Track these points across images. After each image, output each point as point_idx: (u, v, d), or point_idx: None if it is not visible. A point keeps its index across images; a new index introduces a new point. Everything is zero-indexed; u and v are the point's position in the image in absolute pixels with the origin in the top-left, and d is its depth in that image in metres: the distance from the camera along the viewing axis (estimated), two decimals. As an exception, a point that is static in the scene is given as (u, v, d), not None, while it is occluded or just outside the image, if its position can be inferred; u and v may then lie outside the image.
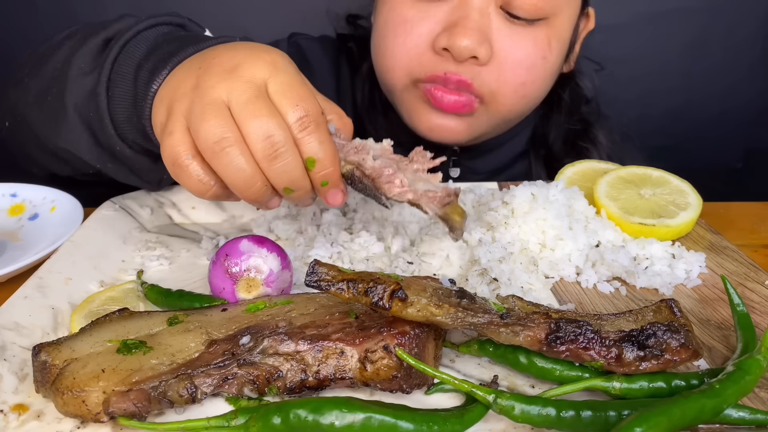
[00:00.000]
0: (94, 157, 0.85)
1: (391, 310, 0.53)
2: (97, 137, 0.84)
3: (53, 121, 0.85)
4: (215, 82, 0.65)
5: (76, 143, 0.84)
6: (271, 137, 0.63)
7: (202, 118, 0.63)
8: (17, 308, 0.64)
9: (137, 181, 0.90)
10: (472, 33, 0.95)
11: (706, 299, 0.72)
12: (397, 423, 0.49)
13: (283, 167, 0.64)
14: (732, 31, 1.69)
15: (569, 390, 0.54)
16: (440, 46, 0.97)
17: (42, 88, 0.87)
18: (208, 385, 0.53)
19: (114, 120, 0.81)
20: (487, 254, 0.74)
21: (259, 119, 0.63)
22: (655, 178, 0.90)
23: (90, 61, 0.83)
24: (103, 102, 0.80)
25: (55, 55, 0.88)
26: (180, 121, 0.65)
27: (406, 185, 0.67)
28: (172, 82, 0.71)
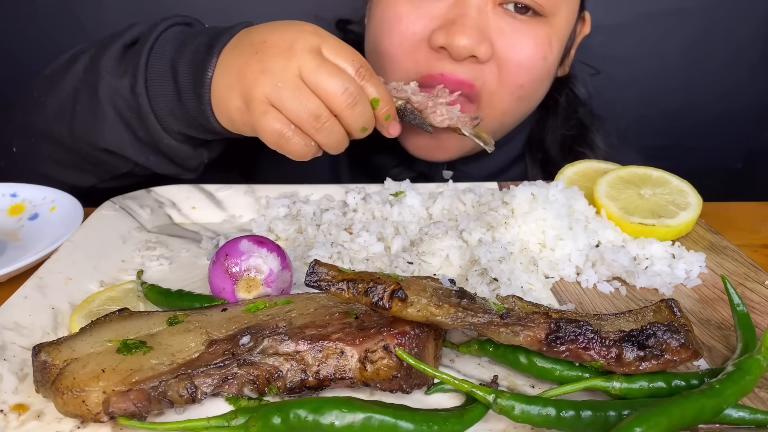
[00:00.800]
0: (137, 152, 0.92)
1: (391, 310, 0.53)
2: (137, 134, 0.91)
3: (91, 124, 0.91)
4: (283, 62, 0.78)
5: (118, 141, 0.91)
6: (347, 89, 0.78)
7: (295, 101, 0.77)
8: (17, 308, 0.64)
9: (177, 170, 0.97)
10: (471, 32, 0.93)
11: (706, 299, 0.72)
12: (397, 423, 0.49)
13: (361, 110, 0.80)
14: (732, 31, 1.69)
15: (569, 390, 0.54)
16: (437, 44, 0.95)
17: (63, 101, 0.94)
18: (208, 385, 0.53)
19: (157, 115, 0.88)
20: (487, 254, 0.74)
21: (332, 77, 0.77)
22: (655, 178, 0.90)
23: (115, 66, 0.90)
24: (145, 101, 0.87)
25: (70, 70, 0.94)
26: (266, 103, 0.78)
27: (445, 114, 0.88)
28: (230, 71, 0.81)
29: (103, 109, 0.90)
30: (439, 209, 0.88)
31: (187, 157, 0.94)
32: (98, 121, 0.91)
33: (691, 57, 1.71)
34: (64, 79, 0.95)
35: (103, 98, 0.89)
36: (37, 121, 0.97)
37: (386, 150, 1.13)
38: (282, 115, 0.78)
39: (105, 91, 0.89)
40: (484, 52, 0.95)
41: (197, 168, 0.98)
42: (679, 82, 1.73)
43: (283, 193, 0.96)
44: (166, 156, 0.93)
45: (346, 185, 0.99)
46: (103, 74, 0.90)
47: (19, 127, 1.01)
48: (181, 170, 0.97)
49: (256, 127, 0.80)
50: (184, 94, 0.86)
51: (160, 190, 0.95)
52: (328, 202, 0.93)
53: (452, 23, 0.95)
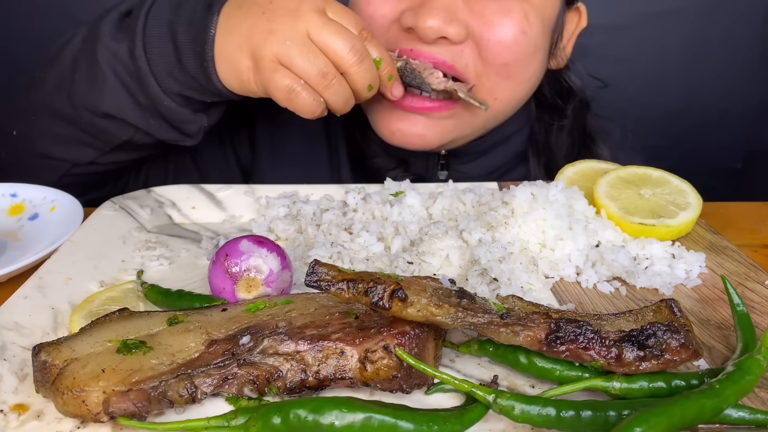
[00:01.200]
0: (137, 115, 0.93)
1: (391, 310, 0.53)
2: (137, 98, 0.92)
3: (91, 89, 0.93)
4: (291, 22, 0.81)
5: (118, 105, 0.93)
6: (354, 47, 0.82)
7: (304, 59, 0.81)
8: (17, 308, 0.64)
9: (177, 136, 0.97)
10: (437, 12, 0.91)
11: (706, 299, 0.72)
12: (397, 423, 0.49)
13: (367, 67, 0.84)
14: (731, 31, 1.69)
15: (569, 390, 0.54)
16: (406, 25, 0.94)
17: (62, 73, 0.95)
18: (208, 385, 0.53)
19: (156, 77, 0.89)
20: (487, 254, 0.74)
21: (338, 36, 0.81)
22: (655, 178, 0.90)
23: (114, 32, 0.91)
24: (144, 63, 0.89)
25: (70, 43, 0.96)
26: (275, 61, 0.82)
27: (441, 77, 0.93)
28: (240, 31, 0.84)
29: (103, 74, 0.91)
30: (439, 209, 0.88)
31: (186, 120, 0.94)
32: (98, 85, 0.92)
33: (690, 57, 1.71)
34: (63, 52, 0.96)
35: (102, 62, 0.90)
36: (37, 96, 0.98)
37: (383, 153, 1.13)
38: (291, 72, 0.82)
39: (104, 56, 0.90)
40: (454, 33, 0.93)
41: (197, 133, 0.98)
42: (678, 82, 1.73)
43: (283, 193, 0.96)
44: (166, 120, 0.94)
45: (346, 185, 0.99)
46: (101, 39, 0.91)
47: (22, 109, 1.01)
48: (181, 135, 0.97)
49: (266, 84, 0.84)
50: (184, 55, 0.88)
51: (160, 190, 0.95)
52: (328, 202, 0.93)
53: (420, 5, 0.93)
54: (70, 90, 0.94)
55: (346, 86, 0.85)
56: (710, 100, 1.74)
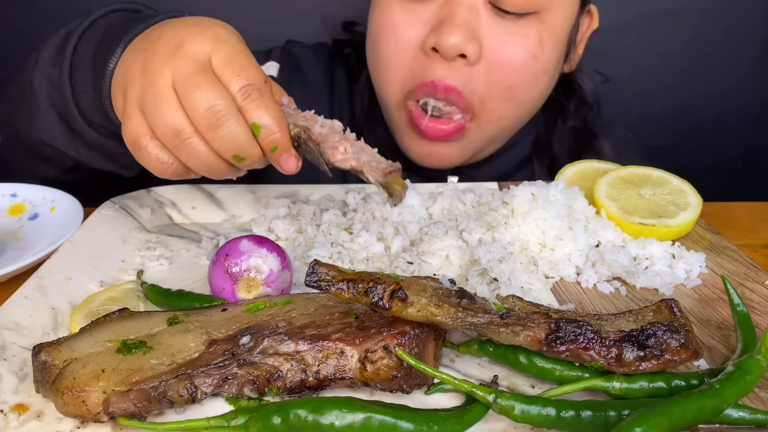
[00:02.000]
0: (68, 143, 0.89)
1: (391, 310, 0.53)
2: (70, 125, 0.88)
3: (29, 115, 0.90)
4: (160, 64, 0.67)
5: (50, 132, 0.89)
6: (212, 107, 0.65)
7: (155, 110, 0.67)
8: (17, 308, 0.64)
9: (111, 166, 0.93)
10: (459, 30, 0.93)
11: (706, 299, 0.72)
12: (397, 423, 0.49)
13: (228, 134, 0.66)
14: (732, 31, 1.69)
15: (569, 390, 0.54)
16: (429, 46, 0.96)
17: (20, 91, 0.93)
18: (208, 385, 0.53)
19: (79, 106, 0.85)
20: (487, 254, 0.74)
21: (199, 90, 0.65)
22: (655, 178, 0.90)
23: (54, 55, 0.88)
24: (67, 90, 0.84)
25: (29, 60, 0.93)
26: (135, 106, 0.68)
27: (350, 152, 0.70)
28: (123, 66, 0.73)
29: (36, 99, 0.88)
30: (439, 209, 0.88)
31: (115, 152, 0.88)
32: (31, 112, 0.89)
33: (691, 57, 1.71)
34: (23, 69, 0.94)
35: (36, 87, 0.87)
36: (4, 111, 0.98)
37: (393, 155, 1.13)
38: (146, 122, 0.68)
39: (39, 80, 0.88)
40: (472, 51, 0.94)
41: (132, 165, 0.92)
42: (679, 82, 1.73)
43: (283, 193, 0.96)
44: (98, 150, 0.89)
45: (346, 185, 0.99)
46: (40, 64, 0.88)
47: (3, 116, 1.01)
48: (116, 166, 0.92)
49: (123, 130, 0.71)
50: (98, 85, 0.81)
51: (160, 190, 0.95)
52: (328, 202, 0.93)
53: (442, 23, 0.94)
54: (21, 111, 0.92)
55: (204, 149, 0.68)
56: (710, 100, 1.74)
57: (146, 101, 0.68)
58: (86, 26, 0.85)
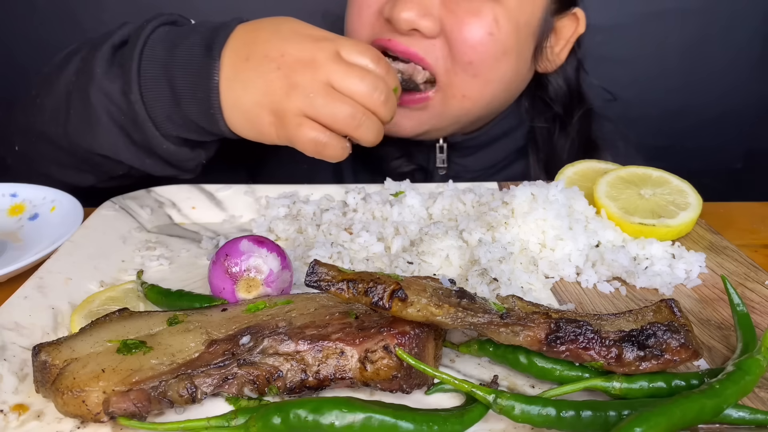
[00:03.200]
0: (132, 156, 0.92)
1: (391, 310, 0.53)
2: (132, 137, 0.90)
3: (85, 128, 0.91)
4: (310, 74, 0.82)
5: (113, 145, 0.91)
6: (377, 87, 0.83)
7: (328, 107, 0.82)
8: (17, 308, 0.64)
9: (174, 172, 0.97)
10: (412, 5, 0.95)
11: (706, 299, 0.72)
12: (397, 423, 0.49)
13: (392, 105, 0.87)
14: (731, 31, 1.69)
15: (569, 390, 0.54)
16: (385, 15, 0.99)
17: (57, 105, 0.93)
18: (208, 385, 0.53)
19: (155, 121, 0.88)
20: (487, 254, 0.74)
21: (361, 81, 0.83)
22: (655, 178, 0.90)
23: (107, 69, 0.89)
24: (141, 108, 0.87)
25: (64, 72, 0.94)
26: (300, 116, 0.82)
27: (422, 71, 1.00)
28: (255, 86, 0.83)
29: (96, 114, 0.89)
30: (439, 209, 0.88)
31: (185, 159, 0.94)
32: (92, 126, 0.90)
33: (690, 57, 1.71)
34: (58, 80, 0.94)
35: (95, 103, 0.89)
36: (35, 122, 0.97)
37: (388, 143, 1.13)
38: (317, 123, 0.83)
39: (97, 96, 0.89)
40: (426, 26, 0.96)
41: (195, 169, 0.98)
42: (678, 82, 1.73)
43: (283, 193, 0.96)
44: (163, 159, 0.93)
45: (346, 185, 0.99)
46: (94, 78, 0.89)
47: (21, 126, 1.01)
48: (179, 171, 0.97)
49: (292, 138, 0.84)
50: (184, 100, 0.86)
51: (160, 190, 0.95)
52: (328, 202, 0.93)
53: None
54: (65, 123, 0.92)
55: (375, 120, 0.85)
56: (710, 100, 1.74)
57: (316, 105, 0.81)
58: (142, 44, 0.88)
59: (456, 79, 1.02)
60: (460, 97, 1.04)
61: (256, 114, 0.84)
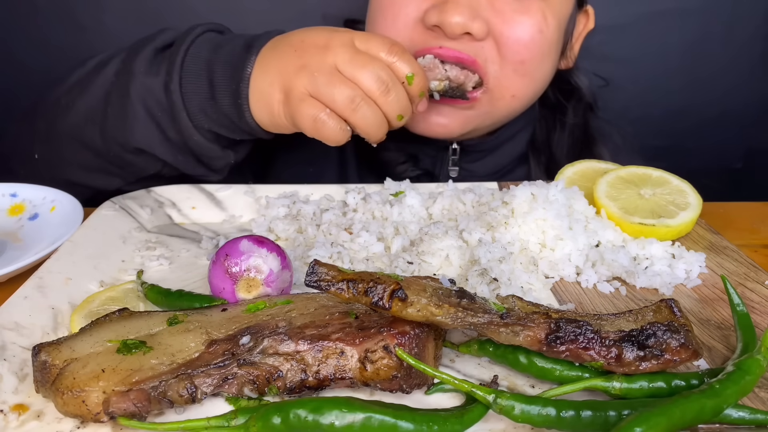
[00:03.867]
0: (166, 151, 0.95)
1: (391, 310, 0.53)
2: (167, 133, 0.93)
3: (122, 124, 0.94)
4: (320, 57, 0.84)
5: (148, 140, 0.94)
6: (380, 77, 0.84)
7: (330, 87, 0.83)
8: (17, 308, 0.64)
9: (203, 171, 0.99)
10: (463, 9, 0.94)
11: (706, 299, 0.72)
12: (397, 423, 0.49)
13: (395, 98, 0.85)
14: (732, 31, 1.68)
15: (569, 390, 0.54)
16: (431, 23, 0.97)
17: (93, 105, 0.96)
18: (208, 385, 0.53)
19: (189, 112, 0.91)
20: (487, 254, 0.74)
21: (364, 67, 0.83)
22: (655, 178, 0.90)
23: (148, 67, 0.93)
24: (179, 98, 0.90)
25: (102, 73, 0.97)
26: (304, 93, 0.84)
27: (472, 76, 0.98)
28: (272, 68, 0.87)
29: (134, 109, 0.92)
30: (439, 209, 0.88)
31: (215, 156, 0.96)
32: (129, 121, 0.93)
33: (691, 57, 1.71)
34: (94, 82, 0.97)
35: (134, 98, 0.92)
36: (65, 126, 0.99)
37: (393, 147, 1.13)
38: (319, 102, 0.84)
39: (137, 91, 0.92)
40: (478, 29, 0.95)
41: (223, 169, 1.00)
42: (679, 82, 1.73)
43: (283, 193, 0.96)
44: (195, 155, 0.96)
45: (346, 185, 0.99)
46: (136, 75, 0.92)
47: (42, 134, 1.02)
48: (208, 171, 0.99)
49: (294, 115, 0.85)
50: (219, 92, 0.90)
51: (160, 190, 0.95)
52: (328, 202, 0.93)
53: (444, 2, 0.96)
54: (102, 123, 0.95)
55: (376, 110, 0.85)
56: (710, 99, 1.74)
57: (318, 83, 0.83)
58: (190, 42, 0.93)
59: (505, 80, 1.01)
60: (509, 97, 1.04)
61: (269, 93, 0.87)
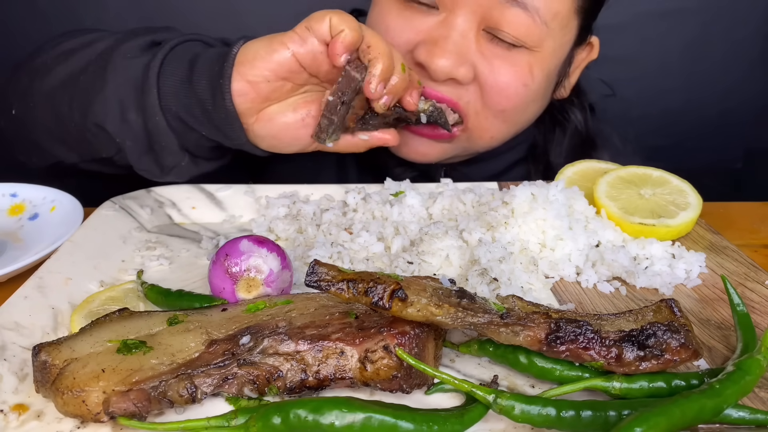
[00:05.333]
0: (118, 130, 0.91)
1: (391, 310, 0.53)
2: (126, 113, 0.91)
3: (87, 97, 0.92)
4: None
5: (105, 116, 0.91)
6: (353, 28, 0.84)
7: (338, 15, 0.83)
8: (17, 308, 0.64)
9: (148, 163, 0.94)
10: (450, 55, 0.93)
11: (706, 299, 0.72)
12: (397, 423, 0.49)
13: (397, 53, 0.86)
14: (732, 31, 1.68)
15: (569, 390, 0.54)
16: (418, 60, 0.96)
17: (72, 72, 0.95)
18: (208, 385, 0.53)
19: (160, 90, 0.89)
20: (487, 254, 0.74)
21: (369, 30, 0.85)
22: (655, 178, 0.90)
23: (137, 52, 0.92)
24: (154, 75, 0.89)
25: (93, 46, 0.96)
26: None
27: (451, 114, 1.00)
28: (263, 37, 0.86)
29: (106, 84, 0.90)
30: (439, 209, 0.88)
31: (167, 147, 0.92)
32: (94, 95, 0.91)
33: (691, 57, 1.71)
34: (80, 52, 0.96)
35: (108, 74, 0.91)
36: (42, 87, 0.98)
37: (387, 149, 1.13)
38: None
39: (112, 68, 0.91)
40: (463, 75, 0.95)
41: (170, 169, 0.95)
42: (679, 81, 1.73)
43: (283, 193, 0.96)
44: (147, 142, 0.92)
45: (346, 185, 0.99)
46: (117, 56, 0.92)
47: (23, 89, 1.01)
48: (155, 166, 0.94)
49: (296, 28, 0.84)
50: (196, 74, 0.88)
51: (160, 189, 0.95)
52: (328, 202, 0.93)
53: (434, 44, 0.95)
54: (72, 90, 0.94)
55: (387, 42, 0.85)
56: (711, 100, 1.74)
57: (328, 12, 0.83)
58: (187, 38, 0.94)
59: (485, 122, 1.01)
60: (488, 138, 1.05)
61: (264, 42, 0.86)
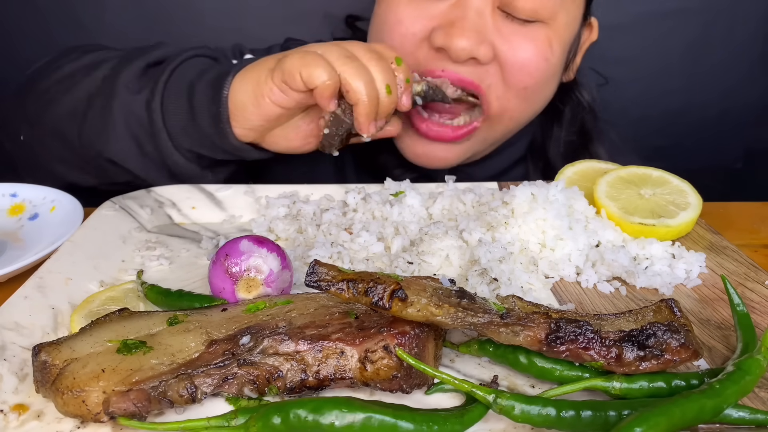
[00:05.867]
0: (140, 166, 0.95)
1: (391, 310, 0.53)
2: (144, 149, 0.93)
3: (100, 132, 0.94)
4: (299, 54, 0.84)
5: (124, 153, 0.94)
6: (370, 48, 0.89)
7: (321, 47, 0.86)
8: (17, 308, 0.64)
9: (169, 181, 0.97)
10: (469, 34, 0.93)
11: (706, 299, 0.72)
12: (397, 423, 0.49)
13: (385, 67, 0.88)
14: (732, 31, 1.69)
15: (569, 390, 0.54)
16: (437, 44, 0.95)
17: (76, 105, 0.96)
18: (208, 385, 0.53)
19: (169, 132, 0.91)
20: (487, 254, 0.74)
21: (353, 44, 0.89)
22: (655, 178, 0.90)
23: (135, 83, 0.93)
24: (159, 116, 0.90)
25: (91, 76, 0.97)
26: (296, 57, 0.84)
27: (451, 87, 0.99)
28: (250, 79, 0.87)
29: (114, 121, 0.92)
30: (439, 209, 0.88)
31: (192, 176, 0.96)
32: (107, 131, 0.93)
33: (691, 57, 1.71)
34: (81, 82, 0.97)
35: (115, 110, 0.92)
36: (48, 118, 0.98)
37: (391, 150, 1.13)
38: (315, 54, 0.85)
39: (119, 105, 0.92)
40: (484, 54, 0.94)
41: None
42: (679, 82, 1.73)
43: (283, 193, 0.96)
44: (170, 172, 0.95)
45: (346, 185, 0.99)
46: (120, 88, 0.92)
47: (30, 117, 1.02)
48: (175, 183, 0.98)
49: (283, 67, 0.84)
50: (198, 114, 0.89)
51: (160, 190, 0.95)
52: (328, 202, 0.93)
53: (451, 25, 0.94)
54: (81, 124, 0.95)
55: (366, 69, 0.85)
56: (711, 100, 1.74)
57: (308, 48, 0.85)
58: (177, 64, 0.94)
59: (507, 104, 1.01)
60: (508, 119, 1.04)
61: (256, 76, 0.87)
